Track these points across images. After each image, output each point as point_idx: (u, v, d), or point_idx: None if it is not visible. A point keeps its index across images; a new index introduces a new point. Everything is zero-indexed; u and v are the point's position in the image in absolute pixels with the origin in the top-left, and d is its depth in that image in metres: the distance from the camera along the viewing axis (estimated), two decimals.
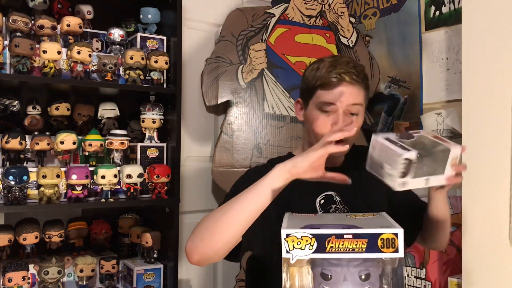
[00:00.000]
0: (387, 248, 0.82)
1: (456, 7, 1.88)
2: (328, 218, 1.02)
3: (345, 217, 0.98)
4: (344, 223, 0.90)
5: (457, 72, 1.85)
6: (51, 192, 1.50)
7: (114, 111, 1.77)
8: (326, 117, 1.17)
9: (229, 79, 2.07)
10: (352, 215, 0.98)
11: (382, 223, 0.89)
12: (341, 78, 1.15)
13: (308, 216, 1.00)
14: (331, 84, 1.16)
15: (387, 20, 2.22)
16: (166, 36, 1.80)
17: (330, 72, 1.16)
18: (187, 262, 1.10)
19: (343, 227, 0.85)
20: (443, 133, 1.90)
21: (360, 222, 0.90)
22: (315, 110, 1.19)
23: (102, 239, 1.75)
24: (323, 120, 1.18)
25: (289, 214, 0.99)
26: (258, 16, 2.16)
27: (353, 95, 1.16)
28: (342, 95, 1.15)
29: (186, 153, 2.04)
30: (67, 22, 1.61)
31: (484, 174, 1.44)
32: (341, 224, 0.88)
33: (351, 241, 0.82)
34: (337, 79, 1.15)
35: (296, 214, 1.02)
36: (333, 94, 1.16)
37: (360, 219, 0.94)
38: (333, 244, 0.82)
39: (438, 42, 1.95)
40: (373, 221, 0.92)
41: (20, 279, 1.46)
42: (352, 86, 1.16)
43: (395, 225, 0.86)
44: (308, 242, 0.83)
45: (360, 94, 1.18)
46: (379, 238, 0.82)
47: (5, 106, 1.58)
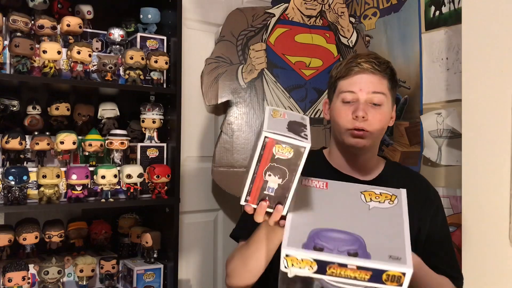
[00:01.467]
0: (391, 282, 0.77)
1: (456, 7, 1.88)
2: (338, 203, 0.91)
3: (358, 200, 0.90)
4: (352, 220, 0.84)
5: (457, 72, 1.85)
6: (51, 192, 1.50)
7: (114, 111, 1.77)
8: (347, 107, 1.15)
9: (229, 79, 2.07)
10: (367, 194, 0.91)
11: (392, 246, 0.80)
12: (361, 66, 1.14)
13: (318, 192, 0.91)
14: (351, 73, 1.15)
15: (387, 20, 2.22)
16: (166, 36, 1.80)
17: (351, 63, 1.16)
18: (187, 262, 1.12)
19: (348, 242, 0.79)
20: (443, 133, 1.91)
21: (370, 223, 0.83)
22: (338, 102, 1.18)
23: (102, 239, 1.75)
24: (344, 110, 1.16)
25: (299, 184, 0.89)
26: (258, 16, 2.16)
27: (374, 83, 1.14)
28: (361, 83, 1.14)
29: (186, 153, 2.04)
30: (67, 22, 1.61)
31: (484, 174, 1.44)
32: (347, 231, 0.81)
33: (354, 271, 0.77)
34: (357, 67, 1.14)
35: (306, 179, 0.93)
36: (352, 82, 1.15)
37: (374, 211, 0.86)
38: (335, 270, 0.78)
39: (438, 42, 1.95)
40: (385, 229, 0.84)
41: (20, 279, 1.46)
42: (373, 75, 1.14)
43: (407, 258, 0.78)
44: (309, 264, 0.78)
45: (383, 84, 1.15)
46: (385, 273, 0.77)
47: (5, 106, 1.58)
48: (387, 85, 1.17)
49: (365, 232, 0.82)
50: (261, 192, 0.86)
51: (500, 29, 1.42)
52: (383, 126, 1.17)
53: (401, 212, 0.88)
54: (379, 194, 0.91)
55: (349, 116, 1.15)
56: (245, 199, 0.87)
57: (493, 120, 1.42)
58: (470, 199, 1.49)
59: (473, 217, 1.47)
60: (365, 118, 1.12)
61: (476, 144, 1.47)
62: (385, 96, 1.16)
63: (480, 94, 1.47)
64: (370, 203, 0.89)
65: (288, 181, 0.84)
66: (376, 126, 1.14)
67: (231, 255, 1.18)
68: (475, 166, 1.48)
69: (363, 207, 0.89)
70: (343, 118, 1.16)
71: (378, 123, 1.15)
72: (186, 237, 2.06)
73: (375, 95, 1.14)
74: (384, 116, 1.16)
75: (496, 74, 1.42)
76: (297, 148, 0.82)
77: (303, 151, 0.82)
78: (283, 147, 0.82)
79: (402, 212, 0.88)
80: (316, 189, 0.93)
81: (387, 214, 0.88)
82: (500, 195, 1.39)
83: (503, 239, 1.38)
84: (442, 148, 1.91)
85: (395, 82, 1.20)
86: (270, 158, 0.83)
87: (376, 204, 0.89)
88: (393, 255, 0.78)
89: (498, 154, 1.40)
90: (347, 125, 1.15)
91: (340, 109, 1.17)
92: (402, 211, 0.88)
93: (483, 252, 1.43)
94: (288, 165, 0.83)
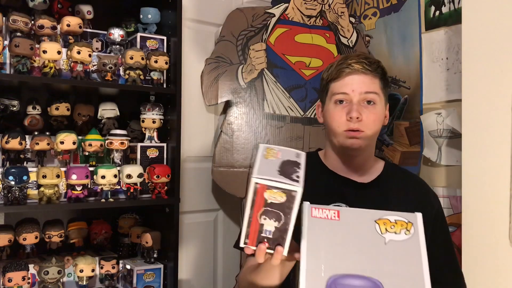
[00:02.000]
0: None
1: (456, 7, 1.88)
2: (353, 238, 0.87)
3: (373, 232, 0.86)
4: (369, 259, 0.82)
5: (457, 72, 1.85)
6: (51, 192, 1.50)
7: (114, 111, 1.77)
8: (340, 109, 1.15)
9: (229, 79, 2.07)
10: (381, 223, 0.87)
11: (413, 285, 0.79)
12: (352, 67, 1.14)
13: (330, 225, 0.89)
14: (342, 75, 1.15)
15: (387, 20, 2.22)
16: (166, 36, 1.80)
17: (341, 64, 1.16)
18: (187, 262, 1.12)
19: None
20: (443, 133, 1.91)
21: (388, 261, 0.81)
22: (331, 104, 1.18)
23: (102, 239, 1.75)
24: (337, 112, 1.16)
25: (308, 217, 0.89)
26: (258, 16, 2.16)
27: (366, 83, 1.14)
28: (353, 84, 1.14)
29: (186, 153, 2.04)
30: (67, 22, 1.61)
31: (484, 174, 1.44)
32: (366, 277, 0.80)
33: None
34: (348, 69, 1.14)
35: (317, 209, 0.90)
36: (344, 83, 1.15)
37: (390, 245, 0.83)
38: None
39: (438, 42, 1.95)
40: (403, 269, 0.81)
41: (20, 279, 1.46)
42: (364, 75, 1.14)
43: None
44: None
45: (375, 83, 1.16)
46: None
47: (5, 106, 1.58)
48: (379, 84, 1.17)
49: (384, 275, 0.80)
50: (259, 234, 0.85)
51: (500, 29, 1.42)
52: (377, 125, 1.17)
53: (418, 245, 0.85)
54: (394, 222, 0.87)
55: (343, 117, 1.14)
56: (244, 242, 0.86)
57: (493, 120, 1.42)
58: (470, 199, 1.49)
59: (473, 217, 1.47)
60: (360, 118, 1.12)
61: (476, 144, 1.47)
62: (378, 95, 1.16)
63: (480, 94, 1.47)
64: (386, 235, 0.86)
65: (285, 223, 0.83)
66: (370, 126, 1.14)
67: (243, 275, 1.17)
68: (475, 166, 1.48)
69: (379, 241, 0.86)
70: (337, 120, 1.16)
71: (373, 123, 1.15)
72: (186, 237, 2.06)
73: (367, 95, 1.14)
74: (378, 116, 1.16)
75: (496, 74, 1.42)
76: (289, 192, 0.81)
77: (295, 195, 0.81)
78: (274, 191, 0.81)
79: (420, 245, 0.85)
80: (328, 220, 0.89)
81: (404, 249, 0.85)
82: (500, 195, 1.39)
83: (503, 239, 1.38)
84: (442, 148, 1.91)
85: (386, 81, 1.20)
86: (263, 203, 0.82)
87: (392, 236, 0.86)
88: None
89: (498, 154, 1.40)
90: (341, 127, 1.15)
91: (333, 111, 1.17)
92: (419, 244, 0.85)
93: (483, 252, 1.43)
94: (282, 209, 0.82)
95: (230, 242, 2.20)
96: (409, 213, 0.89)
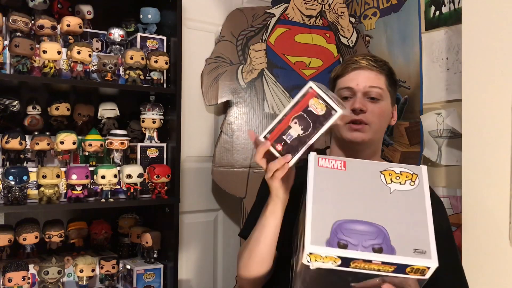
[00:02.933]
0: (415, 273, 0.78)
1: (456, 7, 1.88)
2: (358, 186, 0.87)
3: (378, 182, 0.87)
4: (374, 207, 0.82)
5: (457, 72, 1.85)
6: (51, 192, 1.50)
7: (114, 111, 1.77)
8: (345, 103, 1.14)
9: (229, 79, 2.07)
10: (387, 174, 0.88)
11: (416, 238, 0.79)
12: (358, 63, 1.15)
13: (337, 174, 0.88)
14: (348, 70, 1.16)
15: (387, 20, 2.22)
16: (166, 36, 1.80)
17: (348, 61, 1.17)
18: (187, 262, 1.12)
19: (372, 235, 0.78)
20: (443, 133, 1.91)
21: (392, 210, 0.82)
22: None
23: (102, 239, 1.75)
24: None
25: (315, 166, 0.88)
26: (258, 16, 2.16)
27: (371, 78, 1.14)
28: (358, 78, 1.14)
29: (186, 153, 2.04)
30: (67, 22, 1.61)
31: (484, 174, 1.44)
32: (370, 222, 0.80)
33: (378, 265, 0.77)
34: (354, 65, 1.15)
35: (323, 159, 0.90)
36: (349, 78, 1.15)
37: (395, 195, 0.84)
38: (359, 264, 0.78)
39: (438, 42, 1.95)
40: (408, 217, 0.82)
41: (20, 279, 1.46)
42: (370, 71, 1.15)
43: (431, 251, 0.78)
44: (333, 260, 0.78)
45: (380, 79, 1.15)
46: (409, 266, 0.77)
47: (5, 106, 1.58)
48: (385, 81, 1.17)
49: (388, 222, 0.81)
50: (281, 135, 0.89)
51: (500, 29, 1.42)
52: (382, 121, 1.16)
53: (422, 195, 0.86)
54: (399, 173, 0.88)
55: (347, 111, 1.14)
56: (265, 136, 0.90)
57: (493, 120, 1.42)
58: (470, 199, 1.49)
59: (473, 217, 1.47)
60: (363, 110, 1.12)
61: (476, 144, 1.47)
62: (383, 91, 1.15)
63: (480, 94, 1.47)
64: (391, 185, 0.87)
65: (308, 135, 0.88)
66: (374, 119, 1.13)
67: (240, 250, 1.18)
68: (475, 166, 1.48)
69: (384, 191, 0.86)
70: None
71: (377, 116, 1.14)
72: (186, 237, 2.06)
73: (372, 89, 1.14)
74: (382, 111, 1.15)
75: (496, 74, 1.42)
76: (330, 109, 0.87)
77: (334, 114, 0.87)
78: (319, 102, 0.87)
79: (424, 194, 0.86)
80: (334, 170, 0.89)
81: (409, 198, 0.86)
82: (500, 195, 1.39)
83: (503, 239, 1.38)
84: (442, 148, 1.91)
85: (393, 81, 1.20)
86: (303, 107, 0.88)
87: (397, 186, 0.87)
88: (418, 248, 0.78)
89: (498, 154, 1.40)
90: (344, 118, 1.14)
91: None
92: (424, 194, 0.86)
93: (483, 252, 1.43)
94: (314, 121, 0.88)
95: (230, 242, 2.21)
96: (414, 166, 0.91)
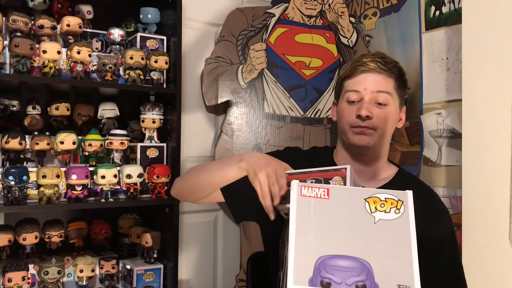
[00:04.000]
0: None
1: (456, 7, 1.88)
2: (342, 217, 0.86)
3: (362, 211, 0.85)
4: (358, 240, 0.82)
5: (457, 72, 1.85)
6: (51, 192, 1.50)
7: (114, 111, 1.77)
8: (352, 107, 1.13)
9: (229, 79, 2.07)
10: (371, 202, 0.85)
11: (401, 272, 0.78)
12: (367, 66, 1.13)
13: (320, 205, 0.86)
14: (356, 72, 1.14)
15: (387, 20, 2.22)
16: (166, 36, 1.80)
17: (357, 62, 1.15)
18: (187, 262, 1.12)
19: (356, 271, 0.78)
20: (443, 133, 1.91)
21: (376, 242, 0.81)
22: (343, 102, 1.17)
23: (102, 239, 1.75)
24: (348, 110, 1.14)
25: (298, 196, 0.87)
26: (258, 16, 2.16)
27: (379, 82, 1.12)
28: (366, 82, 1.12)
29: (186, 153, 2.04)
30: (67, 22, 1.61)
31: (484, 174, 1.44)
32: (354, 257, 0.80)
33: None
34: (363, 67, 1.13)
35: (306, 188, 0.88)
36: (357, 81, 1.13)
37: (380, 225, 0.83)
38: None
39: (438, 42, 1.95)
40: (392, 250, 0.81)
41: (20, 279, 1.46)
42: (378, 74, 1.12)
43: (416, 286, 0.77)
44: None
45: (388, 83, 1.13)
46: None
47: (5, 106, 1.58)
48: (394, 84, 1.14)
49: (372, 256, 0.80)
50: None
51: (500, 29, 1.42)
52: (389, 126, 1.15)
53: (408, 224, 0.84)
54: (384, 200, 0.86)
55: (353, 115, 1.13)
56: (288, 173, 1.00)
57: (493, 120, 1.42)
58: (470, 199, 1.49)
59: (473, 217, 1.47)
60: (370, 117, 1.10)
61: (476, 144, 1.47)
62: (391, 95, 1.13)
63: (480, 94, 1.47)
64: (376, 214, 0.85)
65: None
66: (380, 125, 1.12)
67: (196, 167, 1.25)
68: (475, 166, 1.48)
69: (368, 221, 0.84)
70: (347, 117, 1.14)
71: (383, 122, 1.12)
72: (186, 237, 2.06)
73: (379, 94, 1.12)
74: (389, 116, 1.14)
75: (496, 74, 1.42)
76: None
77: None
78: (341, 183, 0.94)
79: (409, 224, 0.84)
80: (317, 199, 0.87)
81: (394, 228, 0.84)
82: (500, 195, 1.39)
83: (503, 239, 1.38)
84: (442, 148, 1.91)
85: (402, 82, 1.17)
86: (326, 177, 0.94)
87: (382, 215, 0.85)
88: (402, 284, 0.77)
89: (498, 154, 1.40)
90: (350, 124, 1.14)
91: (344, 109, 1.16)
92: (409, 223, 0.84)
93: (483, 252, 1.43)
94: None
95: (230, 242, 2.21)
96: (399, 191, 0.88)
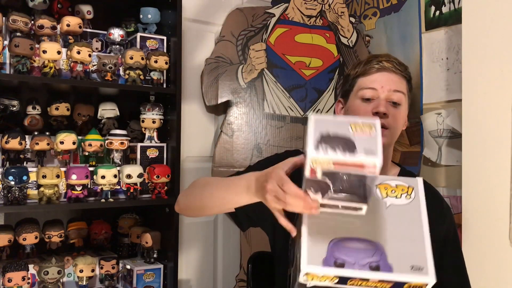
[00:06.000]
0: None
1: (456, 7, 1.88)
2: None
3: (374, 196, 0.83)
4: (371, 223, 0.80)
5: (457, 72, 1.85)
6: (51, 192, 1.50)
7: (114, 111, 1.77)
8: (367, 105, 1.13)
9: (229, 79, 2.07)
10: (382, 188, 0.85)
11: (413, 254, 0.77)
12: (382, 64, 1.14)
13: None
14: (372, 71, 1.14)
15: (387, 20, 2.22)
16: (166, 36, 1.80)
17: (371, 62, 1.15)
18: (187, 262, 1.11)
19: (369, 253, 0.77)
20: (443, 133, 1.90)
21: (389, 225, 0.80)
22: (356, 100, 1.16)
23: (102, 239, 1.75)
24: (363, 107, 1.13)
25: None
26: (258, 16, 2.16)
27: (395, 81, 1.13)
28: (382, 80, 1.13)
29: (186, 153, 2.04)
30: (67, 22, 1.61)
31: (484, 174, 1.44)
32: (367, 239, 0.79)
33: (375, 283, 0.76)
34: (379, 65, 1.14)
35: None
36: (373, 79, 1.14)
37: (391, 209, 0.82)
38: (356, 282, 0.76)
39: (438, 42, 1.95)
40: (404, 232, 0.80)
41: (20, 279, 1.46)
42: (394, 74, 1.14)
43: (429, 267, 0.76)
44: (330, 278, 0.76)
45: (402, 83, 1.15)
46: (407, 284, 0.75)
47: (5, 106, 1.58)
48: (406, 86, 1.16)
49: (385, 238, 0.80)
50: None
51: (500, 29, 1.42)
52: (399, 125, 1.15)
53: (419, 208, 0.85)
54: (395, 186, 0.86)
55: (368, 113, 1.12)
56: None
57: (493, 120, 1.42)
58: (470, 199, 1.49)
59: (473, 217, 1.47)
60: (387, 114, 1.10)
61: (476, 144, 1.47)
62: (404, 96, 1.15)
63: (480, 94, 1.47)
64: (387, 199, 0.85)
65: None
66: (395, 125, 1.12)
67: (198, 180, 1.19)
68: (475, 166, 1.48)
69: (380, 205, 0.85)
70: (362, 115, 1.13)
71: (397, 122, 1.13)
72: (186, 237, 2.06)
73: (395, 93, 1.13)
74: (401, 117, 1.15)
75: (496, 74, 1.42)
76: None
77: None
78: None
79: (420, 208, 0.84)
80: None
81: (405, 212, 0.84)
82: (500, 195, 1.39)
83: (503, 239, 1.38)
84: (442, 148, 1.91)
85: (411, 87, 1.20)
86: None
87: (393, 201, 0.85)
88: (415, 264, 0.77)
89: (498, 154, 1.40)
90: None
91: (359, 106, 1.15)
92: (420, 207, 0.85)
93: (483, 252, 1.43)
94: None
95: (230, 242, 2.21)
96: (410, 178, 0.88)
